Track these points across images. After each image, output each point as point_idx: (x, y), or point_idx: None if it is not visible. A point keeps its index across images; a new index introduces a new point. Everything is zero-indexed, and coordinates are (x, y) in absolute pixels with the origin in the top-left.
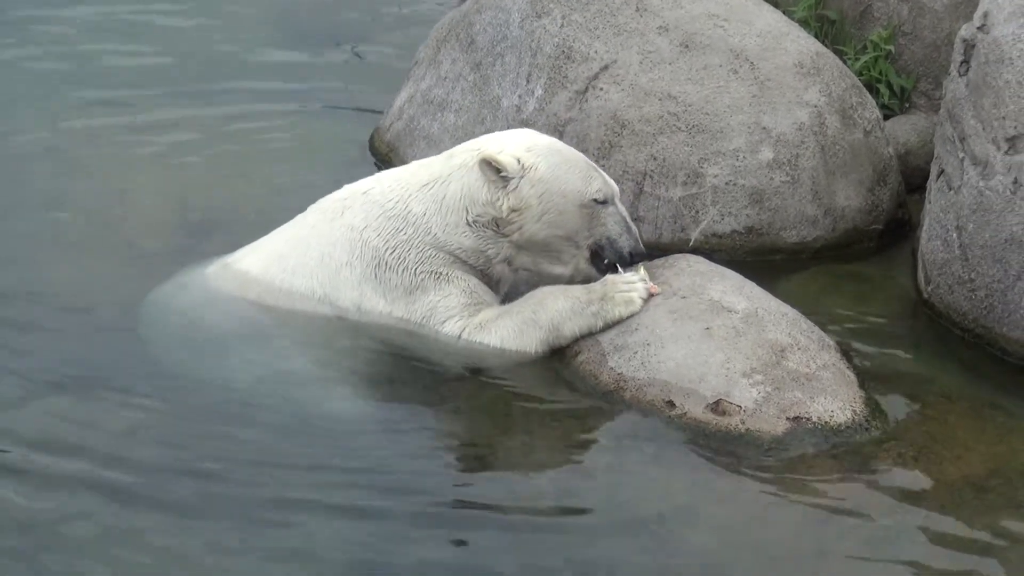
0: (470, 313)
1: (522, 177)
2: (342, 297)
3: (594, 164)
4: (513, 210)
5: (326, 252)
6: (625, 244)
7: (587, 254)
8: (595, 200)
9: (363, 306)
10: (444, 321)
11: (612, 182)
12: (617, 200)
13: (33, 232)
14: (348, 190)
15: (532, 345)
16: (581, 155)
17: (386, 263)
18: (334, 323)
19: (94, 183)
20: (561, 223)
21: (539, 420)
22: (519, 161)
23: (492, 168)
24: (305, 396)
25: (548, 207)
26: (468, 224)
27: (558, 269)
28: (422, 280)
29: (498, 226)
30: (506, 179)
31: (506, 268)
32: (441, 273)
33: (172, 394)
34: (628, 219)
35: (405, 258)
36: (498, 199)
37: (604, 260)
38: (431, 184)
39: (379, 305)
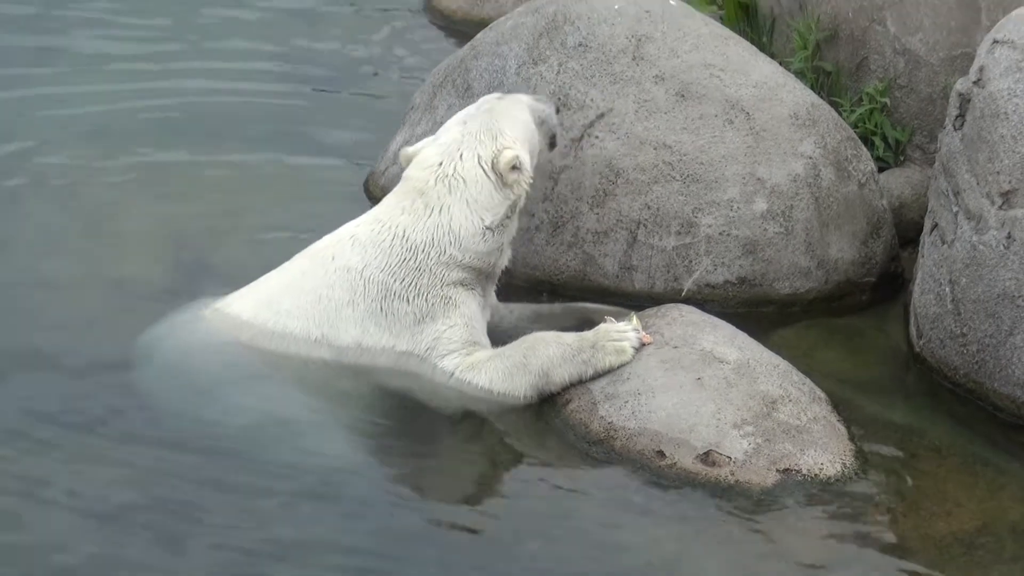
0: (467, 352)
1: (519, 153)
2: (342, 336)
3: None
4: (527, 181)
5: (323, 294)
6: (552, 109)
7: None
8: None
9: (364, 343)
10: (444, 355)
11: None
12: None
13: (22, 271)
14: (331, 238)
15: (521, 389)
16: (492, 95)
17: (395, 293)
18: (330, 365)
19: (84, 223)
20: (536, 150)
21: (529, 468)
22: (506, 147)
23: (517, 170)
24: (295, 439)
25: (533, 149)
26: (488, 229)
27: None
28: (432, 306)
29: (512, 209)
30: (520, 169)
31: (509, 250)
32: (451, 298)
33: (163, 436)
34: (531, 93)
35: (418, 283)
36: (515, 188)
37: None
38: (422, 217)
39: (382, 339)
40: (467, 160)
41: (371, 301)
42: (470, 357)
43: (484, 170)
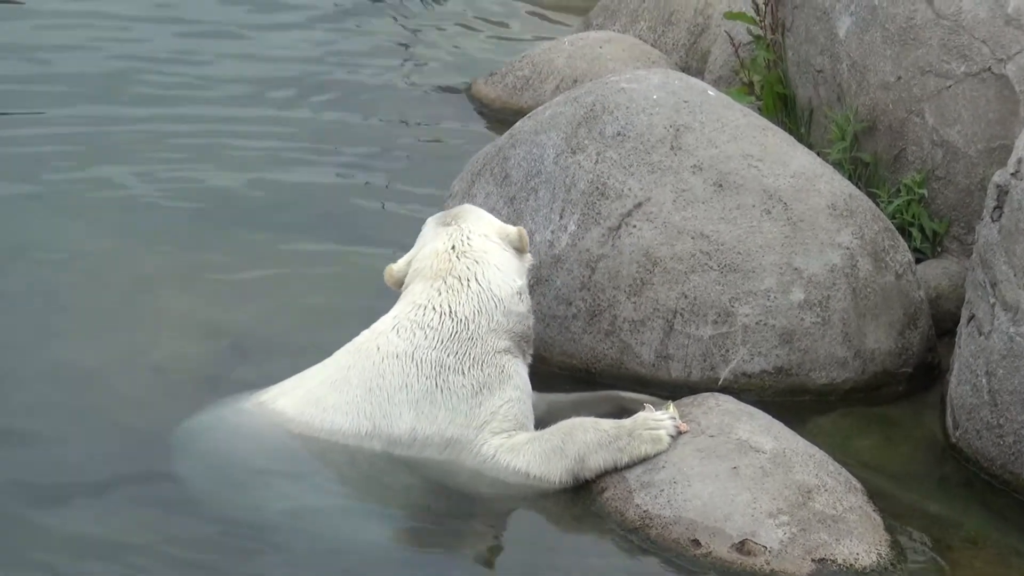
0: (512, 434)
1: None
2: (395, 423)
3: None
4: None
5: (374, 385)
6: None
7: None
8: None
9: (418, 427)
10: (497, 432)
11: None
12: None
13: (58, 358)
14: (369, 333)
15: (556, 474)
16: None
17: (449, 367)
18: (378, 457)
19: (121, 308)
20: None
21: (565, 556)
22: (504, 224)
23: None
24: (334, 528)
25: None
26: (520, 291)
27: None
28: (488, 375)
29: (528, 274)
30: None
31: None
32: (504, 367)
33: (201, 526)
34: None
35: (471, 354)
36: (526, 258)
37: None
38: (461, 291)
39: (438, 417)
40: (475, 239)
41: (425, 379)
42: (512, 439)
43: (496, 243)
